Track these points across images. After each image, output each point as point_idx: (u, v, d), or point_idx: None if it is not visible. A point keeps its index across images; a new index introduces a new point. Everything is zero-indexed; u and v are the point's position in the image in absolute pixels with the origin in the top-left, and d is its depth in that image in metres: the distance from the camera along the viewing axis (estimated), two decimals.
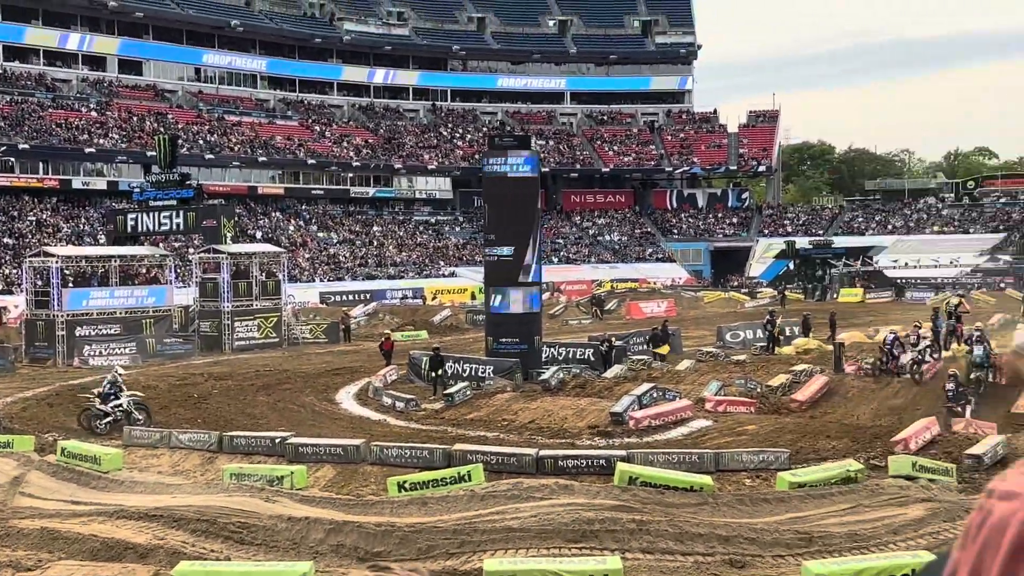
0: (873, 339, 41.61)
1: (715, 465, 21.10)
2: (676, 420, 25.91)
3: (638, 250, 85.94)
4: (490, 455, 21.49)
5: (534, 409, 27.70)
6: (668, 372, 33.18)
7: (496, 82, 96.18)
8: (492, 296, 34.36)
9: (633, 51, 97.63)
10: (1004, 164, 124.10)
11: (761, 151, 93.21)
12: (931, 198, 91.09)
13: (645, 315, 56.29)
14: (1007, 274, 66.50)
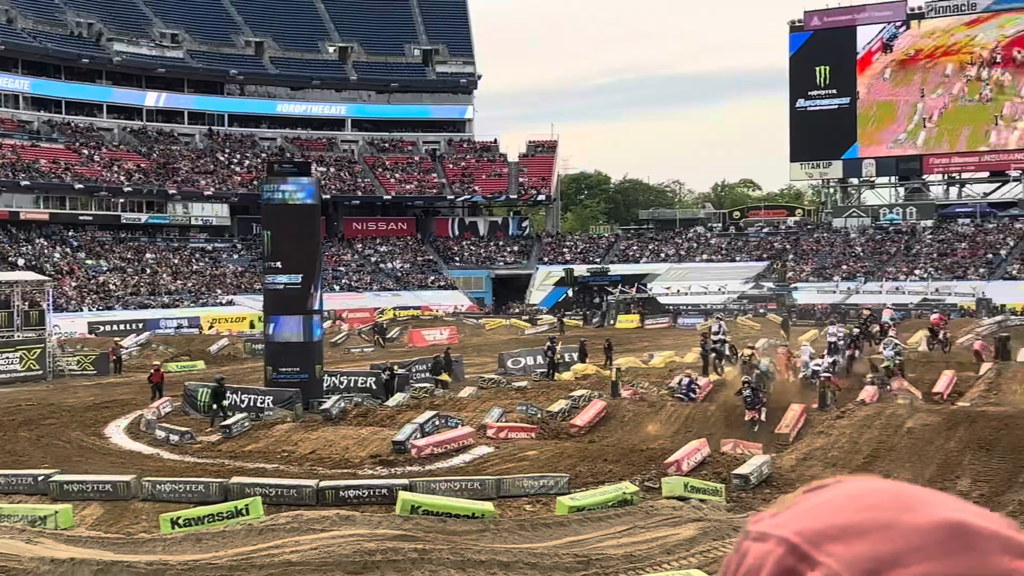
0: (648, 364, 42.99)
1: (497, 491, 21.24)
2: (458, 447, 25.97)
3: (420, 278, 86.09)
4: (269, 488, 21.01)
5: (315, 439, 27.26)
6: (450, 400, 33.23)
7: (275, 107, 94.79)
8: (271, 325, 33.70)
9: (414, 79, 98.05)
10: (767, 195, 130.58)
11: (540, 180, 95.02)
12: (700, 227, 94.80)
13: (427, 343, 56.35)
14: (770, 300, 69.82)
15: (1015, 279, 72.68)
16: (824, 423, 25.62)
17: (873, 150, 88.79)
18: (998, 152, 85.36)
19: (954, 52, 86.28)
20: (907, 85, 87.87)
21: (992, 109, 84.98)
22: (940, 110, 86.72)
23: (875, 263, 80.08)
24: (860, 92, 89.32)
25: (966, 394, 31.89)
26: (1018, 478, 21.46)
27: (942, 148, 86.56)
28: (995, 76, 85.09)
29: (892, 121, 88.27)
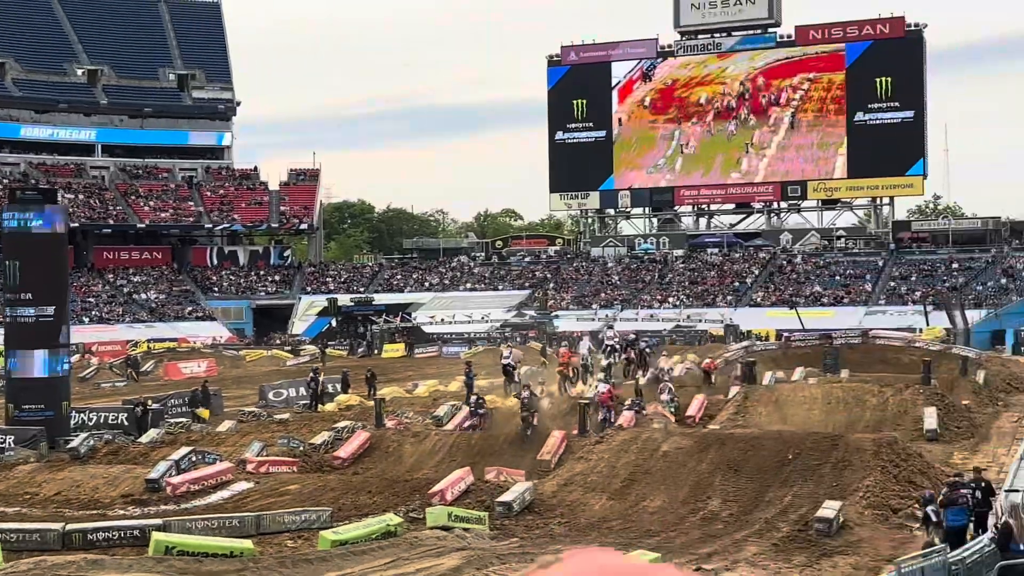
0: (412, 393, 42.93)
1: (256, 528, 20.68)
2: (216, 484, 25.13)
3: (177, 308, 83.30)
4: (9, 533, 19.74)
5: (61, 480, 25.85)
6: (208, 434, 32.18)
7: (19, 131, 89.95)
8: (13, 359, 31.86)
9: (169, 104, 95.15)
10: (528, 225, 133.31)
11: (303, 209, 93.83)
12: (464, 257, 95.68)
13: (185, 376, 54.50)
14: (532, 328, 71.03)
15: (759, 306, 76.58)
16: (584, 448, 26.15)
17: (635, 175, 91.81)
18: (743, 185, 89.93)
19: (707, 83, 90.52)
20: (665, 113, 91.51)
21: (743, 137, 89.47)
22: (696, 138, 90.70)
23: (631, 291, 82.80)
24: (622, 118, 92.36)
25: (716, 417, 33.29)
26: (764, 497, 22.46)
27: (699, 174, 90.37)
28: (745, 106, 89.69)
29: (652, 147, 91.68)
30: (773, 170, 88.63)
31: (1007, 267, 76.05)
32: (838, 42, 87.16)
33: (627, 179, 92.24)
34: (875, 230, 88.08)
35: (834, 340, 54.82)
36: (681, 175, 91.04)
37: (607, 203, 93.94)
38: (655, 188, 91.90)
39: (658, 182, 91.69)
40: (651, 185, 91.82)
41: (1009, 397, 38.80)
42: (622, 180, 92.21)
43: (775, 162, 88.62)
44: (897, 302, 74.06)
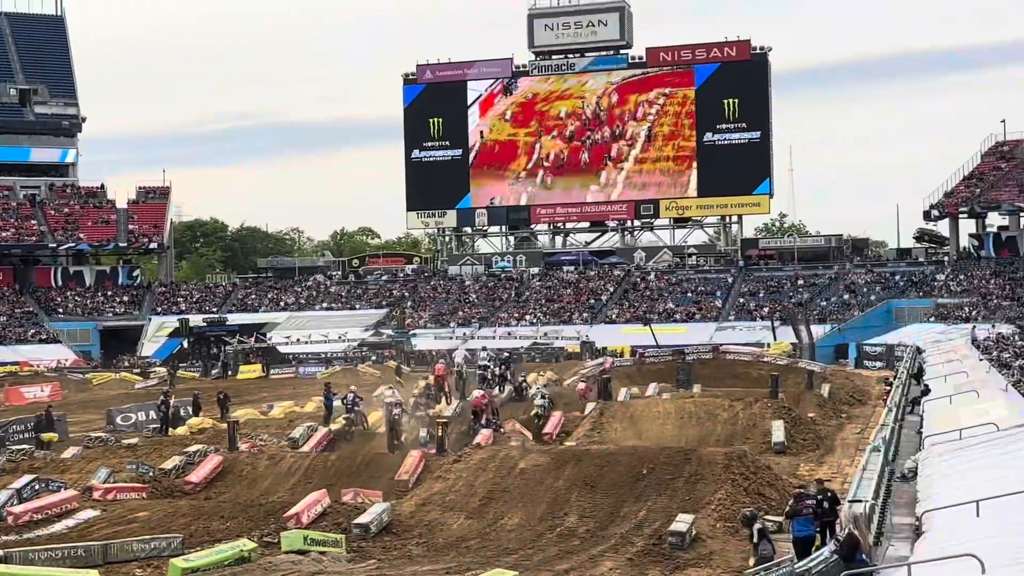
0: (267, 415, 42.24)
1: (103, 557, 20.07)
2: (61, 512, 24.30)
3: (19, 331, 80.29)
4: None
5: None
6: (52, 461, 31.09)
7: None
8: None
9: (10, 120, 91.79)
10: (385, 243, 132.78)
11: (152, 228, 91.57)
12: (320, 276, 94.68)
13: (27, 400, 52.56)
14: (389, 347, 70.69)
15: (615, 323, 77.74)
16: (442, 467, 26.11)
17: (497, 187, 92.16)
18: (598, 204, 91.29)
19: (567, 97, 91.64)
20: (526, 127, 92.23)
21: (601, 151, 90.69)
22: (556, 151, 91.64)
23: (488, 309, 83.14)
24: (483, 131, 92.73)
25: (573, 433, 33.64)
26: (620, 512, 22.76)
27: (559, 189, 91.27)
28: (602, 119, 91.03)
29: (514, 159, 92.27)
30: (631, 182, 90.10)
31: (849, 283, 78.89)
32: (687, 64, 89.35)
33: (488, 193, 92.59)
34: (724, 248, 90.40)
35: (686, 356, 56.01)
36: (541, 189, 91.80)
37: (464, 221, 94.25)
38: (512, 207, 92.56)
39: (519, 194, 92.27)
40: (512, 201, 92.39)
41: (852, 409, 40.21)
42: (481, 197, 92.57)
43: (632, 175, 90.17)
44: (746, 318, 76.07)
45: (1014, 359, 36.31)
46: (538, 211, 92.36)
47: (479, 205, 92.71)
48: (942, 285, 74.81)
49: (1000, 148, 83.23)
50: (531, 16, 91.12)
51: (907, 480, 22.38)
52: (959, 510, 16.77)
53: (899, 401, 33.42)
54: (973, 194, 78.76)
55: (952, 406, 30.75)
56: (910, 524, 18.37)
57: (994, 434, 24.19)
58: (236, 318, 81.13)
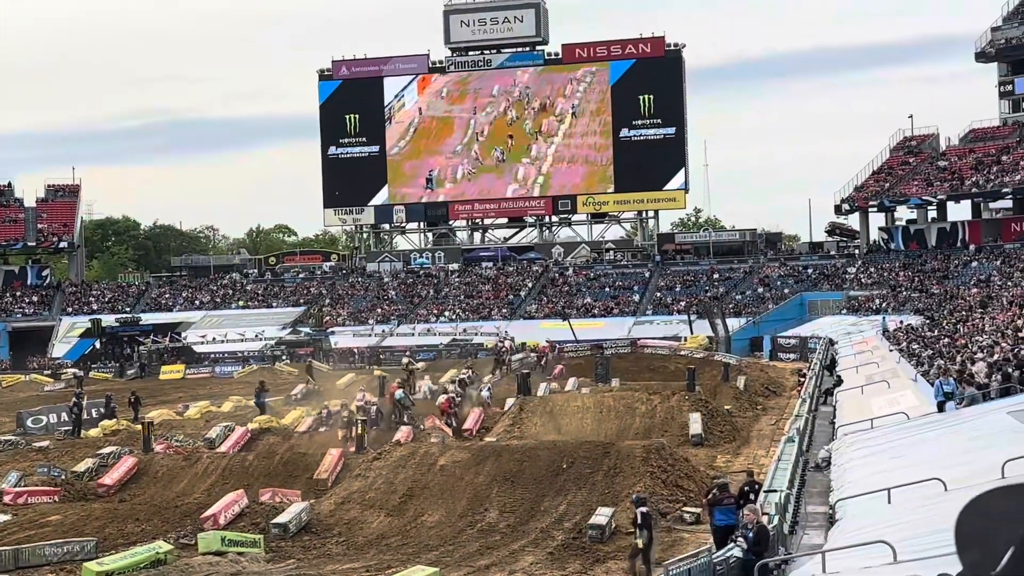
0: (183, 416, 41.65)
1: (14, 562, 19.66)
2: None
3: None
4: None
5: None
6: None
7: None
8: None
9: None
10: (303, 241, 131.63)
11: (62, 226, 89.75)
12: (236, 274, 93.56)
13: None
14: (307, 345, 70.09)
15: (533, 318, 77.97)
16: (361, 465, 25.97)
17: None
18: (516, 199, 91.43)
19: (499, 79, 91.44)
20: (462, 103, 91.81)
21: (529, 136, 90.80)
22: (488, 126, 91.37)
23: (407, 306, 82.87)
24: (421, 107, 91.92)
25: (492, 429, 33.68)
26: (540, 506, 22.85)
27: (483, 176, 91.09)
28: (531, 105, 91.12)
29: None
30: (549, 178, 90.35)
31: (763, 276, 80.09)
32: (602, 60, 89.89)
33: (427, 166, 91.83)
34: (641, 242, 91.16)
35: (605, 350, 56.38)
36: (475, 166, 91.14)
37: (381, 218, 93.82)
38: (429, 203, 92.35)
39: (456, 167, 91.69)
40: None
41: (767, 401, 40.83)
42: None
43: (550, 170, 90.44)
44: (663, 312, 76.81)
45: (923, 350, 37.14)
46: (456, 207, 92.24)
47: (398, 200, 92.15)
48: (853, 278, 76.31)
49: (908, 143, 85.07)
50: (447, 12, 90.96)
51: (821, 469, 22.78)
52: (871, 498, 17.11)
53: (812, 392, 34.00)
54: (882, 188, 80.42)
55: (864, 396, 31.38)
56: (824, 512, 18.70)
57: (904, 423, 24.72)
58: (150, 318, 79.87)
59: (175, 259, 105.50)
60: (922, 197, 78.09)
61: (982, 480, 16.25)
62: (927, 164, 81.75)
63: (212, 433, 33.33)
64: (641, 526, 18.05)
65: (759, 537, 13.98)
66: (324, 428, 33.15)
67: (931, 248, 77.94)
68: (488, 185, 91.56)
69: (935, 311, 56.61)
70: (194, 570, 18.18)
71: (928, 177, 79.54)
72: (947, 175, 78.95)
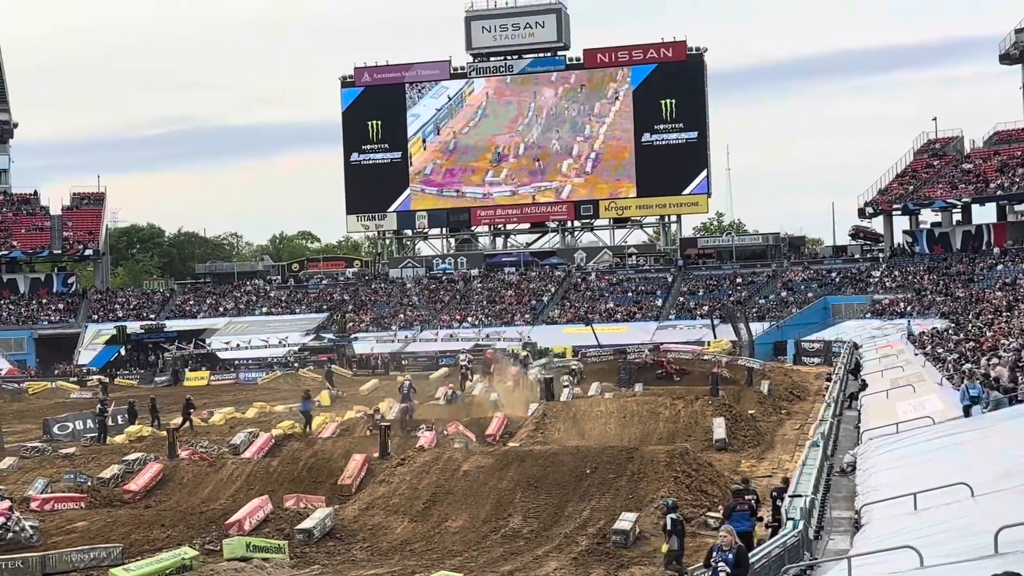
0: (207, 422, 41.81)
1: (42, 568, 19.78)
2: None
3: None
4: None
5: None
6: None
7: None
8: None
9: None
10: (325, 247, 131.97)
11: (88, 234, 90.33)
12: (259, 280, 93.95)
13: None
14: (330, 351, 70.24)
15: (556, 323, 77.95)
16: (385, 471, 26.00)
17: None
18: (538, 205, 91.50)
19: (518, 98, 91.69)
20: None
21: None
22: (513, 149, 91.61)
23: (430, 312, 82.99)
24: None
25: (516, 434, 33.67)
26: (564, 511, 22.82)
27: (512, 186, 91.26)
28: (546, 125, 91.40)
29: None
30: (572, 183, 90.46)
31: (786, 280, 79.80)
32: (624, 65, 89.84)
33: (458, 185, 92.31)
34: (664, 247, 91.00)
35: (628, 355, 56.21)
36: (505, 185, 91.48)
37: (404, 224, 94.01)
38: (452, 209, 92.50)
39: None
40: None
41: (791, 405, 40.64)
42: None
43: (573, 176, 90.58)
44: (686, 316, 76.65)
45: (948, 353, 36.91)
46: (478, 213, 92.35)
47: (419, 207, 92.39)
48: (877, 281, 75.92)
49: (932, 146, 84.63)
50: (468, 18, 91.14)
51: (846, 474, 22.69)
52: (897, 503, 17.02)
53: (837, 396, 33.85)
54: (906, 191, 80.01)
55: (889, 400, 31.22)
56: (849, 517, 18.63)
57: (930, 427, 24.59)
58: (175, 324, 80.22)
59: (199, 266, 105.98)
60: (947, 200, 77.65)
61: (1009, 485, 16.16)
62: (951, 167, 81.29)
63: (236, 439, 33.43)
64: (671, 532, 18.03)
65: (738, 559, 13.97)
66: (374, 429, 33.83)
67: (956, 251, 77.48)
68: (520, 189, 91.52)
69: (960, 314, 56.20)
70: (219, 575, 18.24)
71: (952, 180, 79.09)
72: (972, 177, 78.49)
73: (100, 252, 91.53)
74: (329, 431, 35.22)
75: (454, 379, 49.40)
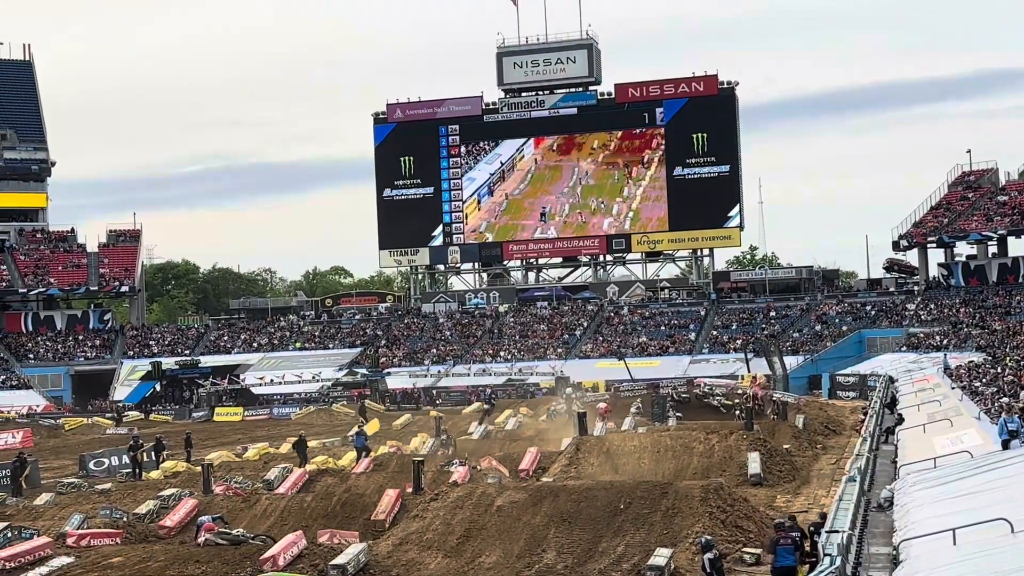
0: (241, 457, 41.93)
1: None
2: (34, 560, 23.94)
3: None
4: None
5: None
6: (25, 508, 30.75)
7: None
8: None
9: None
10: (358, 282, 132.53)
11: (123, 271, 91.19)
12: (293, 316, 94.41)
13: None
14: (364, 386, 70.45)
15: (589, 357, 77.80)
16: (419, 506, 25.97)
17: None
18: (570, 239, 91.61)
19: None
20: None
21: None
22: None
23: (463, 346, 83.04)
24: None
25: (549, 469, 33.56)
26: (598, 547, 22.70)
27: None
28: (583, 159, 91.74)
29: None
30: (605, 217, 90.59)
31: (821, 314, 79.33)
32: (655, 99, 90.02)
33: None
34: (697, 281, 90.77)
35: (661, 389, 56.03)
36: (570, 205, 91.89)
37: (437, 259, 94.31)
38: (483, 244, 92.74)
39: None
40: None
41: (827, 440, 40.33)
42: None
43: (607, 210, 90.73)
44: (719, 350, 76.31)
45: (986, 387, 36.55)
46: (510, 247, 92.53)
47: (454, 242, 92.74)
48: (913, 314, 75.36)
49: (966, 178, 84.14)
50: (500, 54, 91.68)
51: (883, 510, 22.45)
52: (936, 539, 16.83)
53: (873, 431, 33.55)
54: (941, 224, 79.53)
55: (926, 435, 30.91)
56: (887, 554, 18.42)
57: (968, 462, 24.32)
58: (209, 360, 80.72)
59: (233, 302, 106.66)
60: (982, 232, 77.11)
61: None
62: (986, 199, 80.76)
63: (270, 475, 33.47)
64: (709, 572, 17.86)
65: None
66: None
67: (992, 284, 76.84)
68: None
69: (997, 348, 55.68)
70: None
71: (988, 212, 78.55)
72: (1007, 209, 77.94)
73: (136, 289, 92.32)
74: (362, 466, 35.23)
75: (486, 415, 49.67)
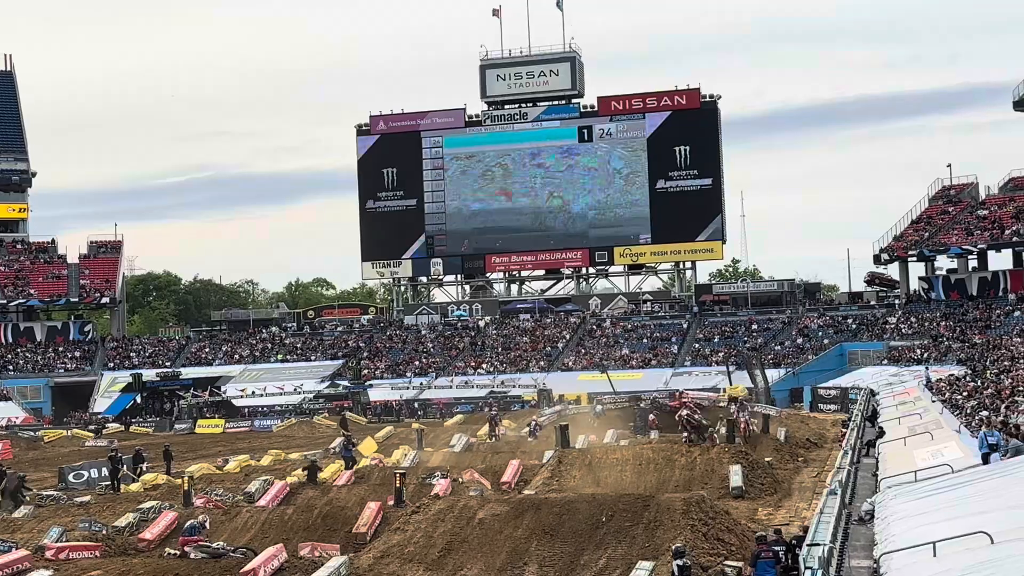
0: (222, 470, 41.73)
1: None
2: (12, 573, 23.78)
3: None
4: None
5: None
6: (3, 521, 30.52)
7: None
8: None
9: None
10: (341, 294, 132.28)
11: (104, 282, 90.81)
12: (275, 327, 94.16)
13: None
14: (346, 398, 70.25)
15: (571, 370, 77.80)
16: (400, 519, 25.88)
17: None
18: (553, 251, 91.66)
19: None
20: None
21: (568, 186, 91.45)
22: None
23: (445, 358, 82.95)
24: None
25: (531, 482, 33.51)
26: (580, 560, 22.66)
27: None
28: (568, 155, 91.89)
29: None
30: (586, 229, 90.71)
31: (802, 327, 79.56)
32: (638, 112, 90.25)
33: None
34: (679, 293, 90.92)
35: (643, 402, 55.93)
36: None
37: (419, 271, 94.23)
38: (466, 255, 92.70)
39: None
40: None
41: (808, 453, 40.36)
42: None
43: (587, 222, 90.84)
44: (702, 363, 76.45)
45: (966, 401, 36.69)
46: (493, 260, 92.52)
47: (435, 253, 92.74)
48: (893, 328, 75.66)
49: (947, 192, 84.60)
50: (483, 66, 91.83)
51: (864, 522, 22.48)
52: (916, 552, 16.85)
53: (854, 444, 33.61)
54: (922, 238, 79.92)
55: (907, 448, 30.96)
56: (868, 567, 18.44)
57: (949, 475, 24.37)
58: (190, 372, 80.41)
59: (215, 313, 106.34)
60: (962, 246, 77.51)
61: None
62: (967, 213, 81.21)
63: (251, 487, 33.34)
64: None
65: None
66: None
67: (972, 297, 77.21)
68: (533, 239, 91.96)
69: (977, 361, 55.92)
70: None
71: (968, 226, 78.98)
72: (987, 224, 78.39)
73: (117, 300, 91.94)
74: (343, 479, 35.12)
75: (480, 426, 49.58)
